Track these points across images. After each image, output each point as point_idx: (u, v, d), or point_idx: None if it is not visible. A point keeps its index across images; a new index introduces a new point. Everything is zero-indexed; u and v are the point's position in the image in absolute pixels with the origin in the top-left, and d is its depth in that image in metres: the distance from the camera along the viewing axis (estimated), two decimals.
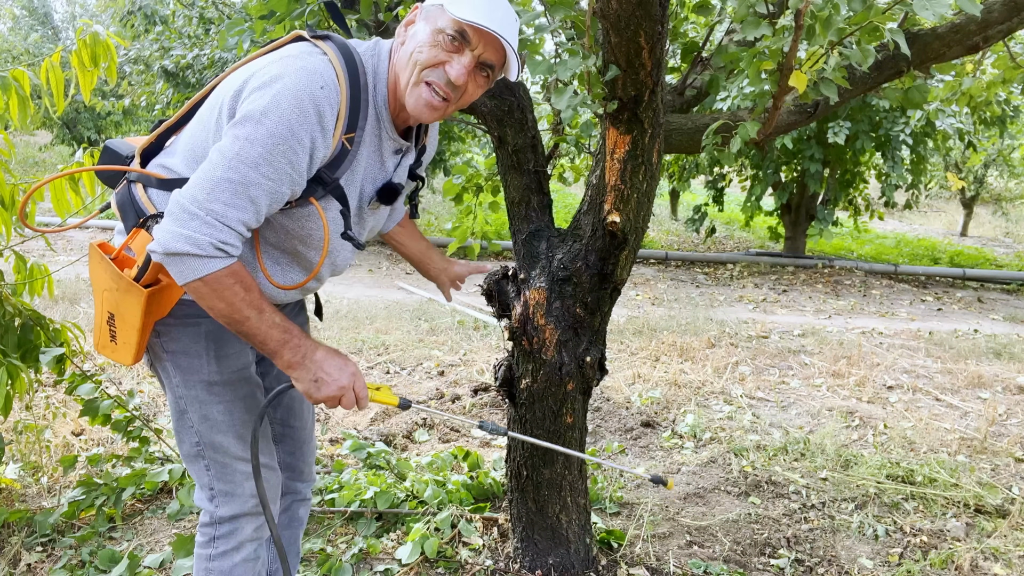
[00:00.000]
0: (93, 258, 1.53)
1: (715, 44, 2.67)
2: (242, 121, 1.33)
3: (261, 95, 1.34)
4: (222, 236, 1.33)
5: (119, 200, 1.56)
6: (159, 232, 1.33)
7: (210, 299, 1.37)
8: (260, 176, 1.33)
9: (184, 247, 1.31)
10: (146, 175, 1.55)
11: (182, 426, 1.63)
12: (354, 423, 3.80)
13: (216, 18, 8.42)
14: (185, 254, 1.32)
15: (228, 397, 1.61)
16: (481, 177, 3.08)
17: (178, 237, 1.31)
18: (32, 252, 7.17)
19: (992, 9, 2.07)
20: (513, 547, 2.44)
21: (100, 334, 1.57)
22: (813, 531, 2.85)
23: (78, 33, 2.32)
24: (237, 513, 1.67)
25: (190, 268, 1.33)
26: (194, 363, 1.58)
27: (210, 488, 1.66)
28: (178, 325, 1.56)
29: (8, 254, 2.58)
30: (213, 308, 1.39)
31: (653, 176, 2.03)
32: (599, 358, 2.21)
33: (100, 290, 1.53)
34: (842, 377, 4.90)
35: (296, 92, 1.33)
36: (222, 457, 1.63)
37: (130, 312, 1.49)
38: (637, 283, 8.38)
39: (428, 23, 1.44)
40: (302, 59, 1.39)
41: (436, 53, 1.43)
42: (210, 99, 1.53)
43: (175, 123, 1.61)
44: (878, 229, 14.13)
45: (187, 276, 1.34)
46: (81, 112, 15.66)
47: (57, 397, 3.62)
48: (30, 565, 2.40)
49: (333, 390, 1.47)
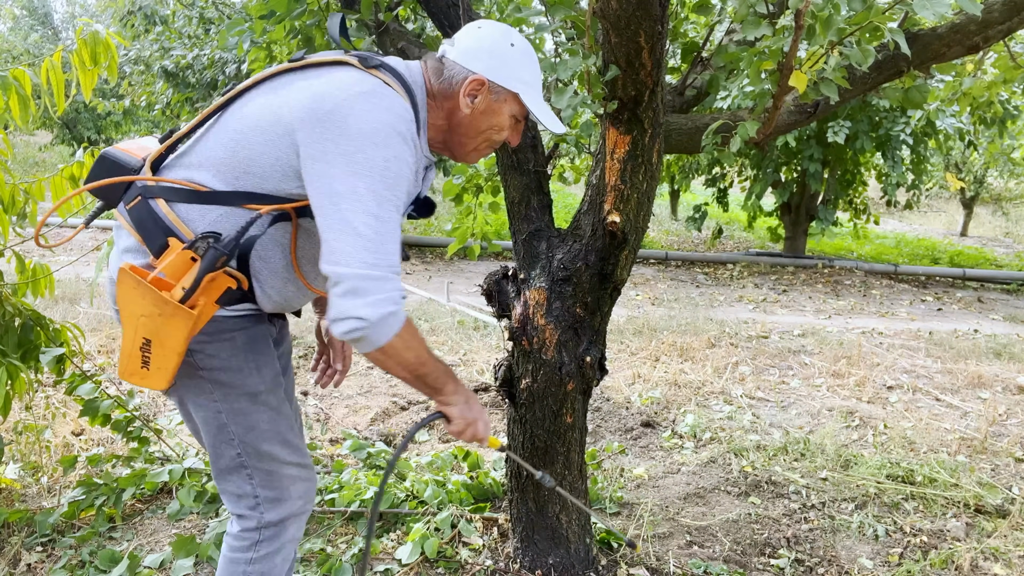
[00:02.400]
0: (127, 283, 1.43)
1: (715, 44, 2.67)
2: (368, 171, 1.38)
3: (373, 143, 1.39)
4: (399, 283, 1.43)
5: (137, 216, 1.48)
6: (357, 310, 1.36)
7: (403, 351, 1.46)
8: (398, 213, 1.45)
9: (389, 308, 1.39)
10: (173, 188, 1.49)
11: (221, 440, 1.60)
12: (354, 423, 3.80)
13: (216, 18, 8.43)
14: (389, 314, 1.39)
15: (272, 404, 1.63)
16: (481, 177, 3.08)
17: (380, 303, 1.37)
18: (32, 252, 7.17)
19: (992, 9, 2.07)
20: (513, 547, 2.44)
21: (129, 361, 1.47)
22: (813, 531, 2.85)
23: (78, 32, 2.32)
24: (285, 516, 1.68)
25: (389, 327, 1.40)
26: (236, 376, 1.57)
27: (254, 497, 1.65)
28: (213, 341, 1.53)
29: (8, 254, 2.58)
30: (402, 362, 1.48)
31: (653, 176, 2.03)
32: (599, 358, 2.21)
33: (135, 316, 1.43)
34: (842, 377, 4.90)
35: (401, 134, 1.43)
36: (268, 464, 1.63)
37: (172, 336, 1.43)
38: (637, 283, 8.38)
39: (504, 106, 1.61)
40: (388, 98, 1.45)
41: (508, 134, 1.66)
42: (250, 116, 1.49)
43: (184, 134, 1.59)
44: (878, 229, 14.13)
45: (386, 337, 1.41)
46: (81, 112, 15.67)
47: (57, 397, 3.62)
48: (30, 565, 2.40)
49: (477, 412, 1.67)
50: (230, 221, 1.47)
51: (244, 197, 1.47)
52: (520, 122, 1.66)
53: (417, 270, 8.55)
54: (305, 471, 1.71)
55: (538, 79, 1.65)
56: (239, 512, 1.67)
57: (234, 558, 1.68)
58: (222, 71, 8.73)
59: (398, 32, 2.66)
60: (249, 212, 1.48)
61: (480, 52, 1.58)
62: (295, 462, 1.67)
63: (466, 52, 1.58)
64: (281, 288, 1.57)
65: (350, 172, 1.37)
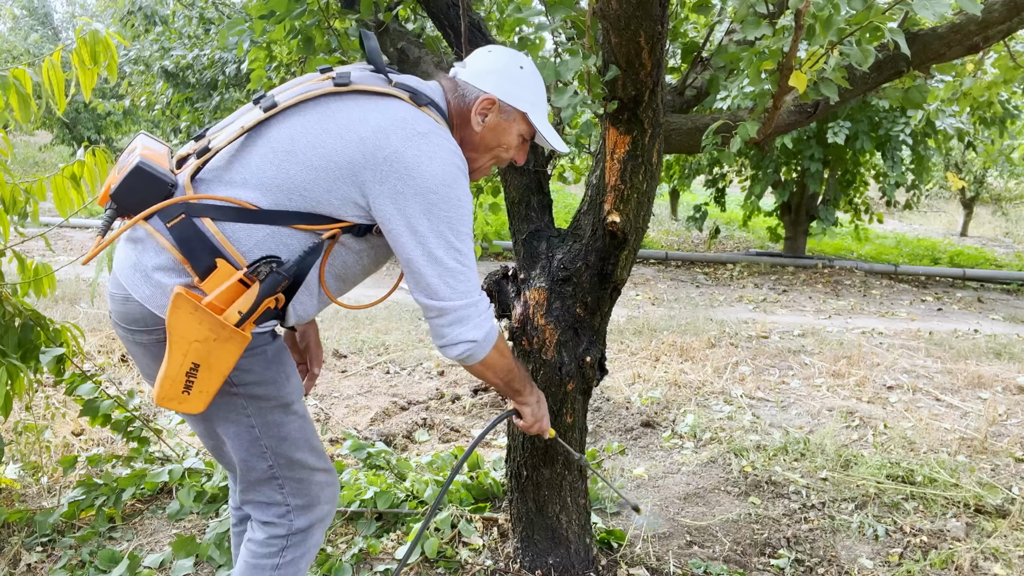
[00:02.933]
0: (184, 308, 1.38)
1: (715, 44, 2.67)
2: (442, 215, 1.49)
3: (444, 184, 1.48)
4: (487, 301, 1.62)
5: (181, 236, 1.44)
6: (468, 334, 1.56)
7: (499, 361, 1.67)
8: (471, 242, 1.58)
9: (490, 323, 1.60)
10: (219, 207, 1.46)
11: (253, 454, 1.61)
12: (354, 423, 3.80)
13: (216, 18, 8.42)
14: (491, 330, 1.60)
15: (301, 412, 1.66)
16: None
17: (483, 325, 1.58)
18: (32, 252, 7.17)
19: (992, 9, 2.07)
20: (513, 547, 2.44)
21: (172, 386, 1.42)
22: (813, 531, 2.85)
23: (78, 31, 2.32)
24: (313, 522, 1.71)
25: (490, 342, 1.60)
26: (270, 389, 1.58)
27: (284, 505, 1.67)
28: (247, 357, 1.53)
29: (8, 254, 2.58)
30: (500, 371, 1.69)
31: (653, 176, 2.03)
32: (599, 358, 2.21)
33: (188, 341, 1.39)
34: (842, 377, 4.90)
35: (463, 171, 1.54)
36: (299, 472, 1.66)
37: (223, 361, 1.43)
38: (637, 283, 8.38)
39: (513, 125, 1.70)
40: (445, 139, 1.53)
41: (516, 152, 1.76)
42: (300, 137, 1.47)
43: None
44: (878, 229, 14.13)
45: (486, 350, 1.61)
46: (81, 112, 15.67)
47: (57, 397, 3.62)
48: (30, 565, 2.40)
49: (544, 411, 1.90)
50: (277, 241, 1.47)
51: (294, 217, 1.47)
52: (526, 142, 1.75)
53: None
54: (332, 476, 1.74)
55: (543, 101, 1.74)
56: (267, 520, 1.68)
57: (259, 564, 1.68)
58: (222, 71, 8.73)
59: (398, 32, 2.66)
60: (300, 233, 1.49)
61: (491, 73, 1.66)
62: (323, 468, 1.71)
63: (477, 73, 1.66)
64: (307, 302, 1.59)
65: (427, 213, 1.47)
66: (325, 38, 2.76)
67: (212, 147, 1.52)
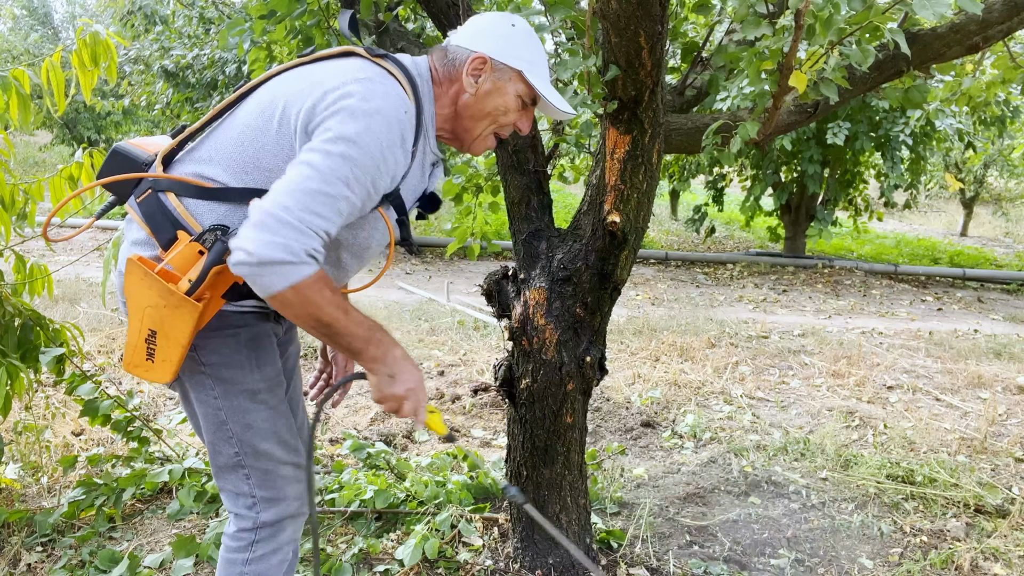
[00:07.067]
0: (135, 274, 1.44)
1: (715, 44, 2.67)
2: (335, 140, 1.37)
3: (353, 118, 1.38)
4: (314, 243, 1.35)
5: (146, 210, 1.49)
6: (248, 243, 1.31)
7: (299, 306, 1.38)
8: (349, 192, 1.39)
9: (280, 255, 1.31)
10: (183, 183, 1.49)
11: (220, 437, 1.61)
12: (354, 423, 3.80)
13: (216, 18, 8.43)
14: (280, 262, 1.32)
15: (271, 403, 1.62)
16: (481, 177, 3.08)
17: (273, 245, 1.31)
18: (32, 252, 7.17)
19: (992, 9, 2.07)
20: (513, 547, 2.44)
21: (135, 353, 1.48)
22: (813, 531, 2.85)
23: (78, 32, 2.32)
24: (281, 517, 1.67)
25: (282, 276, 1.33)
26: (236, 373, 1.57)
27: (251, 496, 1.65)
28: (216, 336, 1.53)
29: (8, 254, 2.58)
30: (300, 316, 1.40)
31: (653, 176, 2.03)
32: (599, 358, 2.21)
33: (141, 307, 1.44)
34: (842, 377, 4.90)
35: (387, 118, 1.42)
36: (265, 463, 1.63)
37: (177, 328, 1.44)
38: (637, 283, 8.38)
39: (508, 85, 1.58)
40: (384, 84, 1.45)
41: (516, 116, 1.63)
42: (257, 110, 1.50)
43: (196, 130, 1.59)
44: (878, 229, 14.13)
45: (278, 285, 1.34)
46: (81, 112, 15.67)
47: (57, 397, 3.62)
48: (30, 565, 2.40)
49: (401, 389, 1.52)
50: (239, 216, 1.47)
51: (253, 193, 1.46)
52: (528, 106, 1.64)
53: (417, 270, 8.56)
54: (301, 472, 1.70)
55: (542, 59, 1.63)
56: (236, 511, 1.67)
57: (231, 559, 1.68)
58: (222, 71, 8.73)
59: (398, 32, 2.66)
60: None
61: (481, 33, 1.60)
62: (292, 462, 1.67)
63: (468, 36, 1.61)
64: None
65: (328, 140, 1.37)
66: (325, 38, 2.76)
67: (186, 130, 1.58)
